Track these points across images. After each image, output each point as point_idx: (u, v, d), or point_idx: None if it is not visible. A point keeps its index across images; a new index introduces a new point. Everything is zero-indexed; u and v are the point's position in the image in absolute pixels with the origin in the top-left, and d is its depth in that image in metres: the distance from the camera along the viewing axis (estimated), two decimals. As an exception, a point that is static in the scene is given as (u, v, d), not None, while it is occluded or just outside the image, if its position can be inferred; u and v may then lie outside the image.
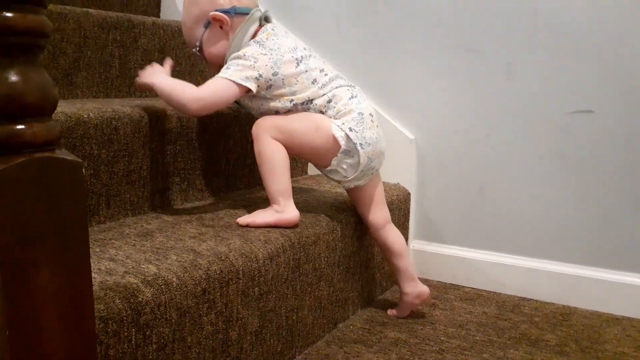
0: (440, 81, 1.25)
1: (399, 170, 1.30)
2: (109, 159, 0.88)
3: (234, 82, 0.90)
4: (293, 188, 0.94)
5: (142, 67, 0.98)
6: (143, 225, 0.87)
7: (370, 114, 0.96)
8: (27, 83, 0.46)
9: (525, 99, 1.17)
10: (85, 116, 0.85)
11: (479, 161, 1.23)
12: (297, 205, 0.94)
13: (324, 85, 0.96)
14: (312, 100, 0.95)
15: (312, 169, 1.42)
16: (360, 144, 0.93)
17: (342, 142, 0.92)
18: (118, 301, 0.60)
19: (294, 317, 0.89)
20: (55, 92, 0.49)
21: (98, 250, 0.74)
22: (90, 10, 1.13)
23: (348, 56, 1.35)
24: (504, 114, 1.19)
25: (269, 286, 0.82)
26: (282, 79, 0.93)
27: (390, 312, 1.08)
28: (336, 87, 0.96)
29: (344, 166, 0.95)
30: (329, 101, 0.95)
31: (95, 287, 0.60)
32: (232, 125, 1.12)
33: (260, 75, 0.91)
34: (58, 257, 0.49)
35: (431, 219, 1.30)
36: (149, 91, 0.98)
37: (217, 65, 0.98)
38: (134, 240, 0.80)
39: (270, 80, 0.92)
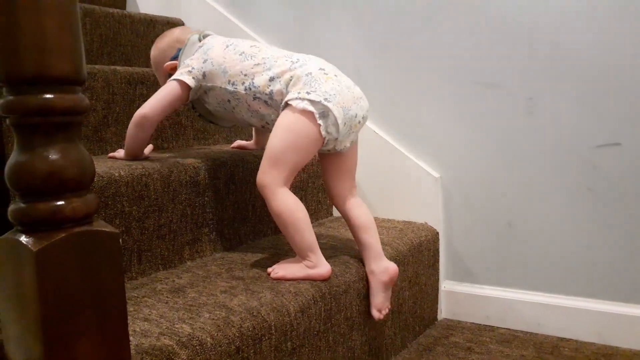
0: (463, 118, 1.25)
1: (425, 209, 1.29)
2: (139, 215, 0.90)
3: (174, 80, 0.99)
4: (319, 232, 0.92)
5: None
6: (174, 280, 0.88)
7: (320, 69, 0.91)
8: (66, 160, 0.48)
9: (549, 134, 1.16)
10: (117, 174, 0.87)
11: (506, 197, 1.22)
12: (324, 251, 0.93)
13: (254, 58, 0.95)
14: (250, 77, 0.94)
15: (336, 210, 1.42)
16: (325, 99, 0.87)
17: (311, 108, 0.87)
18: (154, 366, 0.60)
19: (327, 369, 0.88)
20: (92, 166, 0.50)
21: (132, 309, 0.75)
22: (117, 67, 1.17)
23: (370, 99, 1.36)
24: (528, 148, 1.18)
25: (302, 340, 0.81)
26: (211, 62, 0.98)
27: (374, 313, 0.97)
28: (273, 62, 0.94)
29: (330, 129, 0.88)
30: (272, 78, 0.92)
31: (131, 352, 0.60)
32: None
33: (193, 68, 0.98)
34: (97, 326, 0.50)
35: (461, 258, 1.28)
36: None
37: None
38: (167, 297, 0.80)
39: (202, 68, 0.98)
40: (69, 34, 0.47)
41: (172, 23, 1.58)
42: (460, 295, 1.27)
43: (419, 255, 1.17)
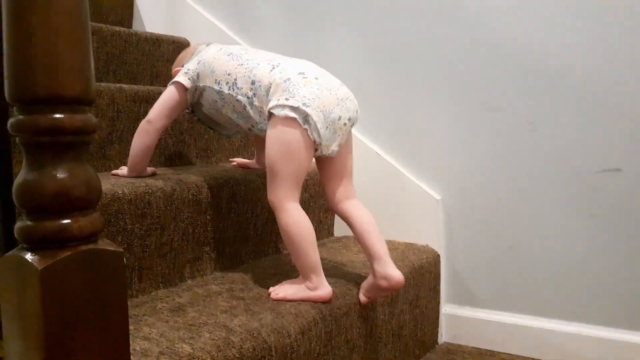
0: (465, 140, 1.26)
1: (426, 231, 1.29)
2: (141, 232, 0.90)
3: (171, 84, 1.03)
4: (320, 252, 0.92)
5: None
6: (175, 299, 0.87)
7: (299, 74, 0.90)
8: (74, 179, 0.48)
9: (550, 158, 1.17)
10: (120, 192, 0.87)
11: (506, 220, 1.22)
12: (326, 272, 0.93)
13: (239, 59, 0.98)
14: (232, 77, 0.96)
15: (338, 230, 1.42)
16: (303, 103, 0.86)
17: (292, 114, 0.86)
18: (154, 386, 0.60)
19: (327, 392, 0.87)
20: (99, 185, 0.51)
21: (132, 328, 0.74)
22: (123, 85, 1.18)
23: (372, 119, 1.37)
24: (530, 172, 1.19)
25: (302, 361, 0.81)
26: (203, 63, 1.02)
27: (361, 297, 0.94)
28: (255, 64, 0.96)
29: (315, 133, 0.87)
30: (253, 82, 0.94)
31: (131, 372, 0.60)
32: (261, 190, 1.14)
33: (188, 69, 1.03)
34: (100, 346, 0.50)
35: (462, 281, 1.28)
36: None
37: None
38: (167, 316, 0.80)
39: (196, 69, 1.02)
40: (80, 55, 0.48)
41: (178, 42, 1.60)
42: (461, 319, 1.26)
43: (420, 278, 1.17)
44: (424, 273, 1.19)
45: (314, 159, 0.94)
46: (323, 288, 0.88)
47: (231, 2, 1.61)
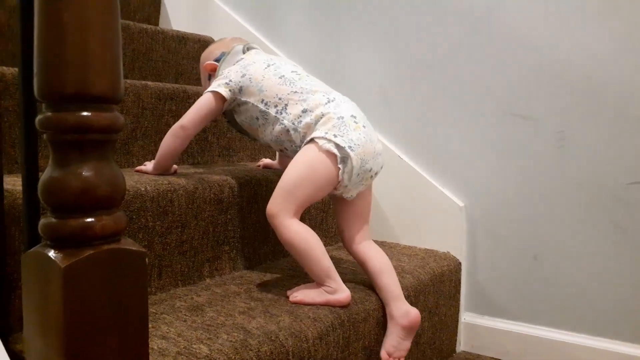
0: (491, 148, 1.23)
1: (448, 238, 1.27)
2: (162, 230, 0.90)
3: (209, 91, 1.00)
4: (339, 255, 0.91)
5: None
6: (193, 298, 0.87)
7: (351, 116, 0.93)
8: (99, 177, 0.48)
9: (579, 168, 1.14)
10: (143, 189, 0.87)
11: (532, 230, 1.19)
12: (344, 276, 0.92)
13: (293, 85, 0.97)
14: (284, 102, 0.96)
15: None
16: (349, 147, 0.89)
17: (335, 150, 0.89)
18: (171, 387, 0.59)
19: (343, 399, 0.86)
20: (124, 184, 0.50)
21: (150, 326, 0.74)
22: (148, 82, 1.18)
23: (396, 124, 1.36)
24: (557, 182, 1.16)
25: (319, 367, 0.80)
26: (250, 78, 0.99)
27: (382, 354, 0.92)
28: (310, 92, 0.96)
29: (347, 175, 0.90)
30: (305, 110, 0.94)
31: (148, 372, 0.60)
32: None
33: (230, 80, 1.00)
34: (119, 345, 0.49)
35: (483, 290, 1.26)
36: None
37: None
38: (185, 315, 0.80)
39: (240, 82, 1.00)
40: (110, 53, 0.48)
41: (204, 40, 1.60)
42: (480, 328, 1.24)
43: (440, 285, 1.15)
44: (444, 280, 1.17)
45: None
46: (341, 292, 0.88)
47: (257, 3, 1.61)
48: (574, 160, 1.14)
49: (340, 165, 0.90)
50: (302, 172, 0.90)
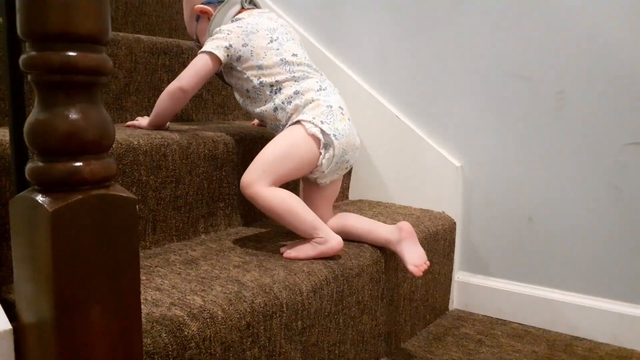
0: (489, 108, 1.22)
1: (444, 198, 1.27)
2: (156, 185, 0.89)
3: (206, 52, 0.97)
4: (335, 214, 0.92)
5: None
6: (188, 252, 0.87)
7: (339, 107, 0.96)
8: (87, 121, 0.47)
9: (578, 128, 1.12)
10: (135, 143, 0.86)
11: (528, 191, 1.19)
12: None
13: (292, 68, 0.98)
14: (280, 84, 0.97)
15: (352, 194, 1.41)
16: (334, 135, 0.92)
17: (320, 136, 0.92)
18: (164, 335, 0.60)
19: (336, 352, 0.87)
20: (113, 129, 0.49)
21: (144, 278, 0.74)
22: (141, 36, 1.15)
23: (394, 84, 1.33)
24: (554, 143, 1.15)
25: (312, 320, 0.81)
26: (251, 51, 0.98)
27: (412, 269, 0.91)
28: (305, 78, 0.98)
29: (324, 162, 0.94)
30: (296, 92, 0.96)
31: (142, 320, 0.60)
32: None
33: (230, 45, 0.98)
34: (110, 292, 0.49)
35: (477, 249, 1.26)
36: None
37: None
38: (180, 268, 0.80)
39: (240, 51, 0.98)
40: (95, -9, 0.46)
41: (198, -5, 1.55)
42: (473, 287, 1.25)
43: (434, 244, 1.15)
44: (438, 240, 1.17)
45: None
46: (332, 239, 0.88)
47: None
48: (573, 120, 1.13)
49: (322, 150, 0.93)
50: (283, 149, 0.92)
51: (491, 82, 1.21)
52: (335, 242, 0.89)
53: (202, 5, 1.06)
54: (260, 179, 0.89)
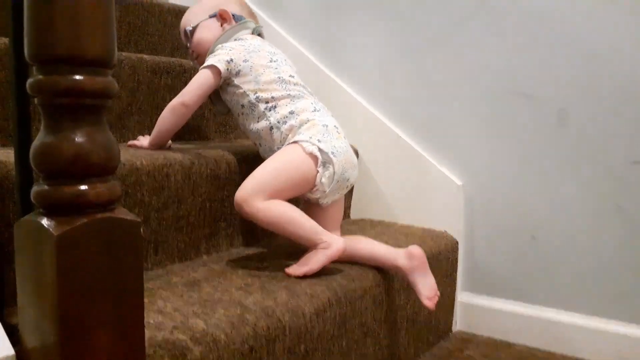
0: (490, 126, 1.22)
1: (445, 217, 1.26)
2: (159, 205, 0.88)
3: (208, 66, 0.99)
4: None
5: None
6: (190, 274, 0.86)
7: (334, 126, 0.98)
8: (93, 143, 0.46)
9: (580, 147, 1.13)
10: (139, 163, 0.86)
11: (530, 210, 1.18)
12: (334, 264, 0.91)
13: (288, 87, 0.99)
14: (275, 102, 0.98)
15: (354, 214, 1.40)
16: (332, 152, 0.93)
17: (318, 154, 0.92)
18: (167, 360, 0.59)
19: (339, 375, 0.86)
20: (118, 151, 0.49)
21: (146, 300, 0.73)
22: (144, 56, 1.16)
23: (395, 101, 1.34)
24: (556, 161, 1.15)
25: (315, 343, 0.80)
26: (251, 66, 1.00)
27: (426, 303, 0.90)
28: (300, 97, 0.99)
29: (323, 179, 0.94)
30: (292, 112, 0.97)
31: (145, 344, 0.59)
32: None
33: (232, 59, 0.99)
34: (114, 316, 0.49)
35: (480, 269, 1.25)
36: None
37: (196, 51, 1.10)
38: (182, 290, 0.79)
39: (240, 65, 0.99)
40: (102, 15, 0.46)
41: (200, 15, 1.57)
42: (477, 308, 1.24)
43: (436, 264, 1.15)
44: (441, 260, 1.16)
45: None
46: (335, 241, 0.88)
47: (256, -24, 1.57)
48: (575, 139, 1.13)
49: (319, 169, 0.93)
50: (279, 166, 0.92)
51: (492, 100, 1.21)
52: (339, 243, 0.88)
53: (229, 11, 1.09)
54: (257, 195, 0.89)
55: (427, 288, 0.91)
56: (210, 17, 1.10)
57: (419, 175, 1.29)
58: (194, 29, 1.10)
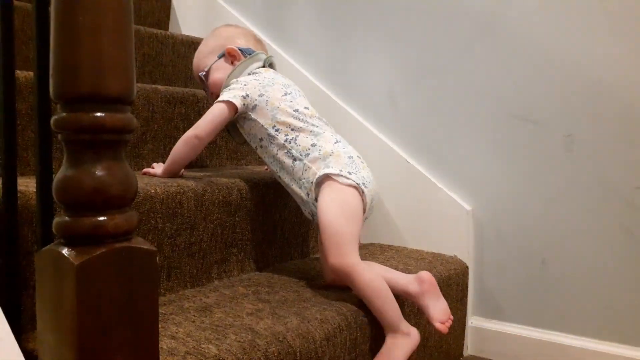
0: (498, 151, 1.23)
1: (455, 242, 1.27)
2: (172, 232, 0.91)
3: (224, 101, 1.01)
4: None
5: None
6: (202, 299, 0.88)
7: (357, 156, 1.00)
8: (112, 176, 0.49)
9: (588, 171, 1.13)
10: (153, 191, 0.88)
11: (540, 234, 1.19)
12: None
13: (305, 119, 1.02)
14: (295, 134, 0.99)
15: (364, 238, 1.41)
16: (363, 183, 0.95)
17: (359, 184, 0.95)
18: (180, 385, 0.60)
19: (350, 401, 0.86)
20: (135, 184, 0.51)
21: (160, 326, 0.75)
22: (159, 87, 1.20)
23: (403, 127, 1.36)
24: (565, 186, 1.16)
25: (326, 368, 0.80)
26: (267, 100, 1.02)
27: (438, 326, 0.91)
28: (319, 130, 1.01)
29: (367, 208, 0.97)
30: (314, 145, 0.99)
31: (158, 370, 0.60)
32: (288, 194, 1.14)
33: (247, 95, 1.01)
34: (131, 343, 0.50)
35: (490, 294, 1.25)
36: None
37: (214, 92, 1.11)
38: (194, 315, 0.80)
39: (256, 100, 1.02)
40: (123, 55, 0.49)
41: (213, 45, 1.61)
42: (488, 332, 1.24)
43: (447, 289, 1.15)
44: (451, 284, 1.17)
45: None
46: (412, 330, 0.89)
47: (265, 7, 1.62)
48: (582, 163, 1.14)
49: (363, 196, 0.95)
50: (341, 212, 0.92)
51: (500, 125, 1.23)
52: (416, 333, 0.90)
53: (235, 48, 1.11)
54: (353, 254, 0.89)
55: (439, 312, 0.92)
56: (219, 57, 1.12)
57: (428, 200, 1.31)
58: (207, 72, 1.13)
